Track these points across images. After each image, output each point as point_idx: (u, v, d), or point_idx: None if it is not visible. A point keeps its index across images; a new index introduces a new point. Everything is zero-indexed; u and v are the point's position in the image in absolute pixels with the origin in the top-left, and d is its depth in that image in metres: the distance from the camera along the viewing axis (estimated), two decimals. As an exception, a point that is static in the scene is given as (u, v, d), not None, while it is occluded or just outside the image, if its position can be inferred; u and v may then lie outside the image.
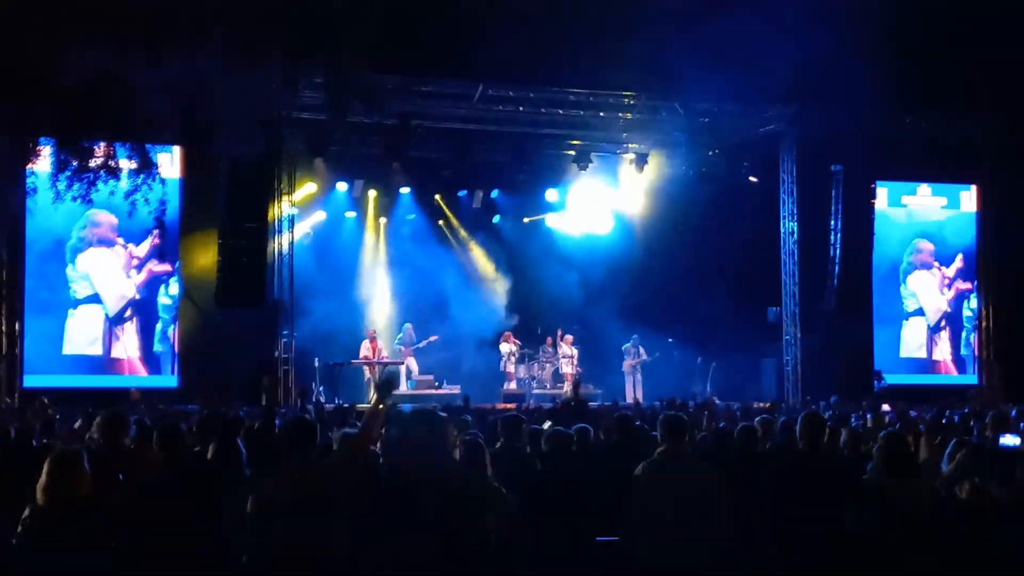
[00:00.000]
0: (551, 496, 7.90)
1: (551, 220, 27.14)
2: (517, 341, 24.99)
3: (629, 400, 23.46)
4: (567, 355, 25.03)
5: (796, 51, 21.50)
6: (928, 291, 26.77)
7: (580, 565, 7.82)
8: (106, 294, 21.98)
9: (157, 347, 22.20)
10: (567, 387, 23.50)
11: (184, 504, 6.86)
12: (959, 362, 26.80)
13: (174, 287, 22.27)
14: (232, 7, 15.58)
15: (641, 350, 24.78)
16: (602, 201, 26.63)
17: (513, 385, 24.42)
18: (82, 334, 21.79)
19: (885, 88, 22.67)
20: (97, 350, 21.91)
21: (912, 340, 26.65)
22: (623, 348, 25.00)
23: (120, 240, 21.93)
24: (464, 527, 6.10)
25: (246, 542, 6.48)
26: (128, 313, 22.11)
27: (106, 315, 21.95)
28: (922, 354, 26.66)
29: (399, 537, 6.02)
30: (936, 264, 26.80)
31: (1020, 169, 24.99)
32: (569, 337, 25.23)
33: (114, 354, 21.99)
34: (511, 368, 24.74)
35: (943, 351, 26.78)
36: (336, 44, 16.62)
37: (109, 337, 21.96)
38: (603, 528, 7.75)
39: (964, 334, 26.83)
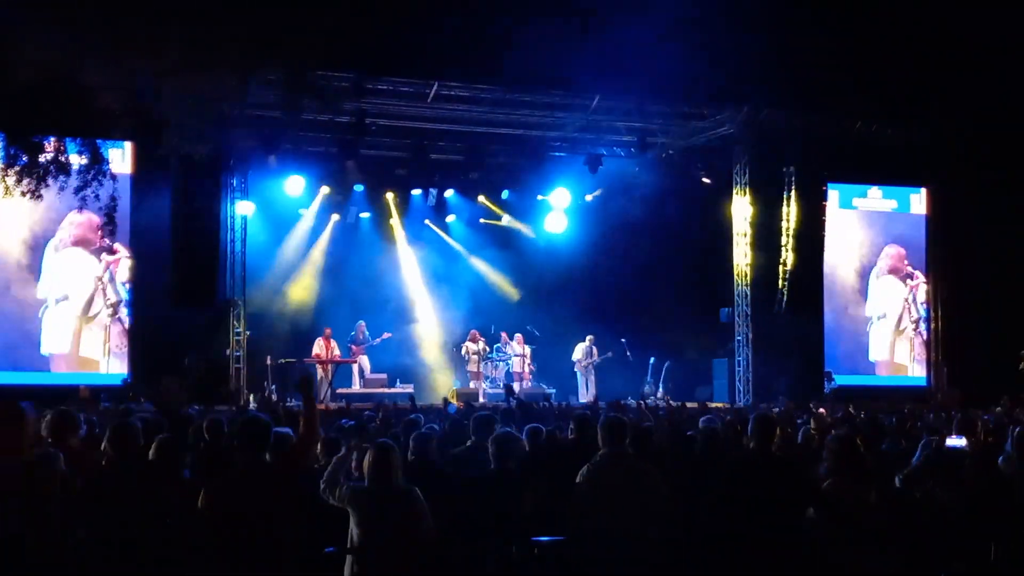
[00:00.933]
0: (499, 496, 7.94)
1: (505, 220, 27.19)
2: (483, 339, 24.97)
3: (583, 399, 23.55)
4: (519, 354, 25.05)
5: (749, 53, 21.70)
6: (892, 295, 27.03)
7: (527, 566, 7.90)
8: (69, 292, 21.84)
9: (108, 344, 22.00)
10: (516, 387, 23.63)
11: (129, 502, 6.81)
12: (913, 364, 27.04)
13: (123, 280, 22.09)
14: (186, 5, 15.47)
15: (594, 350, 24.83)
16: (556, 201, 26.63)
17: (472, 384, 24.34)
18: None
19: (836, 91, 22.91)
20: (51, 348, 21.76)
21: (878, 343, 26.91)
22: (576, 348, 25.03)
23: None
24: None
25: (195, 541, 6.48)
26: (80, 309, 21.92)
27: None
28: (884, 356, 26.90)
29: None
30: (906, 268, 27.06)
31: (970, 172, 25.29)
32: (520, 336, 25.24)
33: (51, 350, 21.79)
34: (474, 368, 24.65)
35: (902, 354, 27.04)
36: (290, 42, 16.53)
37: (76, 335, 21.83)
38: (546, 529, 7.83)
39: (913, 336, 27.13)
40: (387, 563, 7.05)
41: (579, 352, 24.93)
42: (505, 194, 26.54)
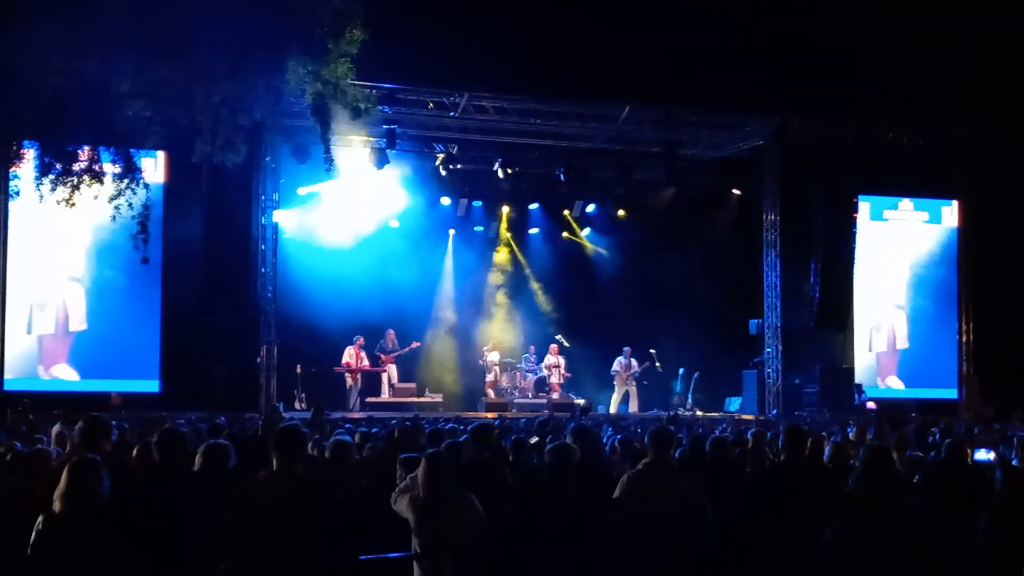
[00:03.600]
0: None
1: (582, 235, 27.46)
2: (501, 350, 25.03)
3: (612, 411, 23.61)
4: (553, 364, 25.03)
5: (779, 63, 21.69)
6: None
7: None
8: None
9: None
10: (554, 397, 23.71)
11: (172, 510, 6.84)
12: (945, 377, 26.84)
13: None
14: (217, 15, 15.55)
15: (633, 362, 24.78)
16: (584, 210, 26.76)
17: (493, 394, 24.36)
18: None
19: (866, 100, 22.86)
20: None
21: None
22: (616, 360, 25.01)
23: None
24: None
25: (223, 547, 6.52)
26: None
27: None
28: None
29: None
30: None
31: (1001, 184, 25.11)
32: (554, 346, 25.24)
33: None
34: (492, 377, 24.69)
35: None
36: (322, 53, 16.61)
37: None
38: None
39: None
40: (445, 569, 7.11)
41: (617, 364, 24.89)
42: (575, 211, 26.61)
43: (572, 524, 7.57)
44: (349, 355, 23.53)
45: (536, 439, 11.11)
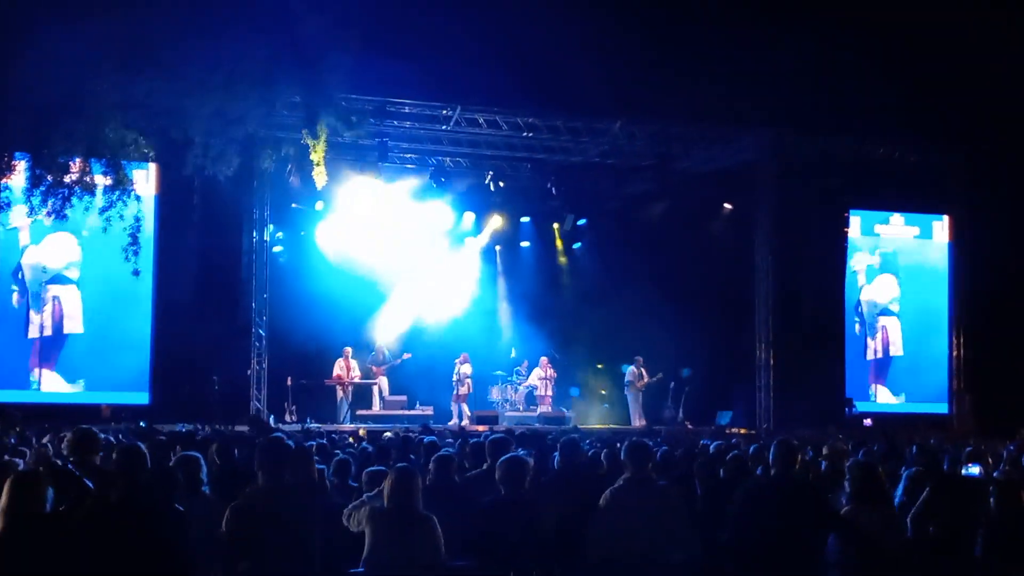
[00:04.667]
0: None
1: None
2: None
3: (634, 424, 23.59)
4: (543, 377, 24.99)
5: (772, 77, 21.73)
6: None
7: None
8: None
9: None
10: (543, 409, 23.70)
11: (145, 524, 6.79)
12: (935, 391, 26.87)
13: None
14: (210, 29, 15.58)
15: (644, 372, 24.78)
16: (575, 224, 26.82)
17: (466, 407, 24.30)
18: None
19: (859, 116, 22.92)
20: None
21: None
22: (625, 371, 25.02)
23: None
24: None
25: (219, 559, 6.51)
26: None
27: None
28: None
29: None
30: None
31: (993, 199, 25.18)
32: (544, 359, 25.20)
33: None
34: (464, 389, 24.53)
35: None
36: (314, 66, 16.64)
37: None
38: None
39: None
40: None
41: (630, 374, 24.90)
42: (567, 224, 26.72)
43: (539, 540, 7.55)
44: (339, 367, 23.48)
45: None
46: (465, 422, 22.46)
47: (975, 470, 8.95)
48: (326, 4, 16.22)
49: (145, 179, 21.16)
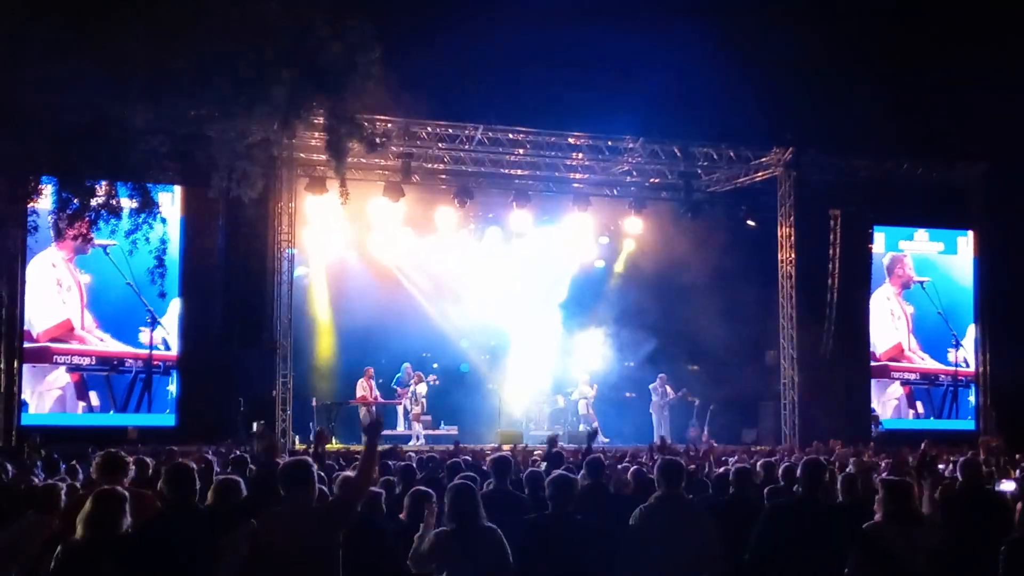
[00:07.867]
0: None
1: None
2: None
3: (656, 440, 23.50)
4: (585, 396, 25.01)
5: (794, 95, 21.73)
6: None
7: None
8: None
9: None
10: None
11: (184, 546, 6.81)
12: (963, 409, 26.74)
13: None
14: (232, 51, 15.62)
15: (668, 389, 24.73)
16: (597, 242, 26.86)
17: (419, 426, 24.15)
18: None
19: (880, 133, 22.87)
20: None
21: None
22: (650, 388, 25.02)
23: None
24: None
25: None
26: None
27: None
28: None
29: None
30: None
31: (1016, 214, 25.07)
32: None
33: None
34: (419, 409, 24.31)
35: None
36: (336, 88, 16.66)
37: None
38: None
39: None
40: None
41: (654, 393, 24.88)
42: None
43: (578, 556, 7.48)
44: (362, 388, 23.43)
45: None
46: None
47: (1008, 486, 8.85)
48: (350, 28, 16.24)
49: (171, 201, 21.27)
